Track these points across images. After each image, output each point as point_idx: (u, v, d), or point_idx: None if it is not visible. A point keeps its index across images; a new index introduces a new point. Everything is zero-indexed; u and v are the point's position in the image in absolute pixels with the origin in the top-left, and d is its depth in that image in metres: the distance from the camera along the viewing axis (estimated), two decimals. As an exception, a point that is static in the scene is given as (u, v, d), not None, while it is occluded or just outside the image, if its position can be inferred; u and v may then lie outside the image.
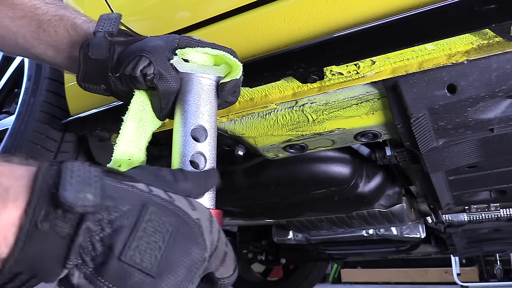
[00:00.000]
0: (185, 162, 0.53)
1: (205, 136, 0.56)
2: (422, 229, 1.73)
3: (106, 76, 0.61)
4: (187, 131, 0.55)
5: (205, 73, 0.58)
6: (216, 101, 0.59)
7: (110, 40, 0.62)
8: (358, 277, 5.00)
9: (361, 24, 0.67)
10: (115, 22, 0.65)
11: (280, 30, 0.73)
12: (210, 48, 0.58)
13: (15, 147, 0.98)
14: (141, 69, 0.56)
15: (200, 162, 0.54)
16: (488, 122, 0.82)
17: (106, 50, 0.61)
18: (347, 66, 0.77)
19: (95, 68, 0.62)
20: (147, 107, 0.60)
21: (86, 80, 0.64)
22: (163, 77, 0.55)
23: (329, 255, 2.22)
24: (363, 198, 1.25)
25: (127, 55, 0.59)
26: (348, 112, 0.87)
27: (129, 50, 0.60)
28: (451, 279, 4.17)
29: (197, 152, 0.54)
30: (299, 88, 0.84)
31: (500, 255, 4.19)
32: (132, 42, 0.61)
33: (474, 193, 1.31)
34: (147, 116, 0.59)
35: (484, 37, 0.68)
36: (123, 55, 0.60)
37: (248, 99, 0.90)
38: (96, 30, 0.63)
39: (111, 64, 0.61)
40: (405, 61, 0.74)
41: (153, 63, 0.56)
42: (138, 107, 0.59)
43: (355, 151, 1.15)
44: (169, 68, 0.56)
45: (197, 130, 0.56)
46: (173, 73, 0.56)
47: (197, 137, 0.56)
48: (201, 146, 0.55)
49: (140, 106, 0.59)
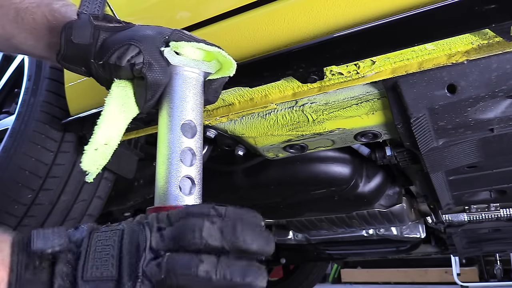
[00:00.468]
0: (173, 159, 0.53)
1: (193, 132, 0.55)
2: (422, 229, 1.73)
3: (87, 62, 0.59)
4: (176, 125, 0.54)
5: (196, 68, 0.57)
6: (202, 98, 0.58)
7: (95, 25, 0.58)
8: (358, 277, 5.00)
9: (361, 24, 0.67)
10: (100, 4, 0.61)
11: (280, 30, 0.73)
12: (204, 44, 0.57)
13: (15, 147, 0.98)
14: (129, 58, 0.54)
15: (187, 158, 0.53)
16: (488, 122, 0.82)
17: (90, 35, 0.58)
18: (347, 66, 0.77)
19: (77, 52, 0.59)
20: (130, 94, 0.57)
21: (66, 60, 0.61)
22: (152, 67, 0.54)
23: (329, 255, 2.22)
24: (363, 198, 1.25)
25: (112, 43, 0.56)
26: (348, 112, 0.87)
27: (115, 38, 0.57)
28: (451, 279, 4.17)
29: (186, 147, 0.54)
30: (299, 88, 0.84)
31: (500, 255, 4.18)
32: (120, 30, 0.59)
33: (474, 193, 1.31)
34: (130, 102, 0.57)
35: (484, 37, 0.68)
36: (108, 42, 0.57)
37: (248, 99, 0.90)
38: (80, 11, 0.60)
39: (94, 50, 0.58)
40: (405, 61, 0.74)
41: (143, 52, 0.54)
42: (121, 92, 0.57)
43: (355, 151, 1.15)
44: (159, 59, 0.54)
45: (186, 125, 0.55)
46: (163, 64, 0.55)
47: (186, 132, 0.54)
48: (190, 142, 0.54)
49: (123, 92, 0.57)
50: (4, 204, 0.95)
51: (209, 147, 1.12)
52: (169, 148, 0.53)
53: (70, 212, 1.05)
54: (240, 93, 0.89)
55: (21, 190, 0.96)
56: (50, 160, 0.98)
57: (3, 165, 0.97)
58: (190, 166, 0.53)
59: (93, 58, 0.58)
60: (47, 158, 0.98)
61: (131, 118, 0.58)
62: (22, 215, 0.98)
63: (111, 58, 0.55)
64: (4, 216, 0.97)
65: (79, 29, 0.58)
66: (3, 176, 0.96)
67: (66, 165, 1.00)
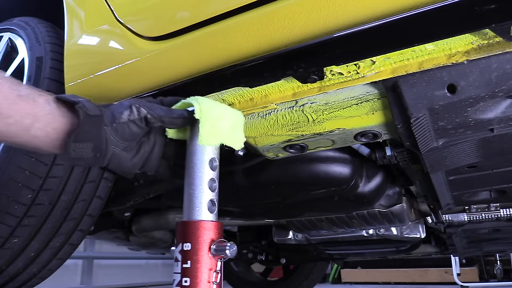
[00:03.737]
0: (203, 187, 0.72)
1: (216, 166, 0.75)
2: (422, 229, 1.73)
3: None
4: (205, 161, 0.73)
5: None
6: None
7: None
8: (358, 277, 5.00)
9: (361, 24, 0.67)
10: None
11: (280, 30, 0.73)
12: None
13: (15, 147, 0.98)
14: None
15: (212, 186, 0.73)
16: (488, 122, 0.82)
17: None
18: (347, 66, 0.77)
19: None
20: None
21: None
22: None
23: (329, 255, 2.22)
24: (363, 198, 1.25)
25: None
26: (348, 112, 0.87)
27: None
28: (451, 279, 4.17)
29: (211, 178, 0.73)
30: (299, 88, 0.84)
31: (500, 255, 4.19)
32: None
33: (474, 193, 1.31)
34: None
35: (484, 37, 0.68)
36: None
37: (248, 99, 0.90)
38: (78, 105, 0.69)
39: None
40: (405, 61, 0.74)
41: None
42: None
43: (355, 151, 1.15)
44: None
45: (212, 161, 0.74)
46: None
47: (212, 167, 0.74)
48: (214, 174, 0.73)
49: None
50: (4, 204, 0.95)
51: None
52: (200, 178, 0.71)
53: (70, 212, 1.05)
54: (240, 93, 0.89)
55: (21, 190, 0.96)
56: (50, 160, 0.98)
57: (3, 165, 0.97)
58: (213, 191, 0.71)
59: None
60: (47, 158, 0.98)
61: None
62: (22, 215, 0.98)
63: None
64: (4, 216, 0.97)
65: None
66: (3, 176, 0.96)
67: (66, 165, 1.00)
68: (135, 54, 0.91)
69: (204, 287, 0.65)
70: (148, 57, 0.89)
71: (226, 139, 0.74)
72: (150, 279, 4.53)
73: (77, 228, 1.09)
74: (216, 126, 0.73)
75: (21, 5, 1.53)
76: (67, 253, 1.13)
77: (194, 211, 0.69)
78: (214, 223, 0.69)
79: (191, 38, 0.84)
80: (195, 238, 0.67)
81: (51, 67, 1.10)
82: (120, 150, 0.71)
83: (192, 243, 0.66)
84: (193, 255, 0.66)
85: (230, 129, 0.76)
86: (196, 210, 0.69)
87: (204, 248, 0.66)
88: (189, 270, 0.65)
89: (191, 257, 0.66)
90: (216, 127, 0.73)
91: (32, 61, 1.12)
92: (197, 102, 0.72)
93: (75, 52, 1.06)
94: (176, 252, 0.68)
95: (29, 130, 0.67)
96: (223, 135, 0.74)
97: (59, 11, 1.15)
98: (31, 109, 0.66)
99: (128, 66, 0.92)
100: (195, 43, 0.83)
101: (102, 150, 0.69)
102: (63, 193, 1.02)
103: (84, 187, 1.05)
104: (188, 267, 0.65)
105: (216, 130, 0.73)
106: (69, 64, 1.05)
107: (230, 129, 0.76)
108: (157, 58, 0.88)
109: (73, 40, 1.07)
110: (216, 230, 0.69)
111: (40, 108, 0.67)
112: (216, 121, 0.73)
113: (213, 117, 0.73)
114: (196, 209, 0.69)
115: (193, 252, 0.66)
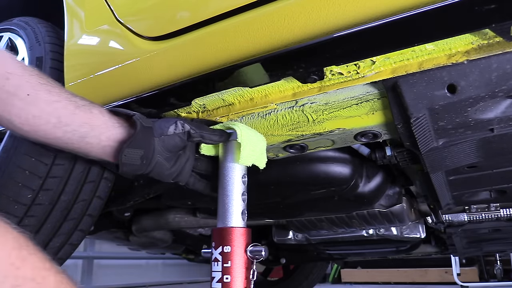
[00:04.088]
0: (238, 199, 0.86)
1: (246, 181, 0.90)
2: (422, 229, 1.73)
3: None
4: (239, 179, 0.88)
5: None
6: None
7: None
8: (358, 277, 5.00)
9: (361, 24, 0.66)
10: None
11: (280, 30, 0.73)
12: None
13: (15, 147, 0.98)
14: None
15: (244, 198, 0.87)
16: (488, 122, 0.82)
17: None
18: (347, 66, 0.77)
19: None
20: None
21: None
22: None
23: (329, 255, 2.21)
24: (363, 198, 1.25)
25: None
26: (348, 112, 0.87)
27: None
28: (451, 279, 4.17)
29: (243, 191, 0.87)
30: (299, 88, 0.84)
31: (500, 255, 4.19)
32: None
33: (474, 193, 1.31)
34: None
35: (484, 37, 0.68)
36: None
37: (248, 99, 0.90)
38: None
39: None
40: (405, 61, 0.74)
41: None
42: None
43: (355, 151, 1.15)
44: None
45: (243, 177, 0.89)
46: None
47: (243, 182, 0.89)
48: (244, 187, 0.88)
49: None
50: (4, 204, 0.95)
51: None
52: (235, 191, 0.85)
53: (70, 212, 1.05)
54: (240, 93, 0.89)
55: (21, 190, 0.96)
56: (50, 160, 0.98)
57: (3, 165, 0.97)
58: (244, 202, 0.86)
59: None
60: (47, 158, 0.97)
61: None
62: (22, 215, 0.98)
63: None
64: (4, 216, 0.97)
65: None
66: (3, 176, 0.96)
67: (66, 165, 1.00)
68: (135, 54, 0.91)
69: (242, 282, 0.79)
70: (148, 57, 0.89)
71: (257, 160, 0.88)
72: (150, 279, 4.53)
73: (77, 228, 1.09)
74: (252, 149, 0.86)
75: (21, 5, 1.53)
76: (67, 253, 1.13)
77: (231, 219, 0.83)
78: (247, 229, 0.83)
79: (191, 38, 0.84)
80: (235, 241, 0.80)
81: (51, 67, 1.10)
82: (162, 159, 0.81)
83: (232, 246, 0.80)
84: (233, 256, 0.79)
85: (259, 151, 0.89)
86: (233, 218, 0.83)
87: (242, 250, 0.80)
88: (229, 269, 0.79)
89: (231, 258, 0.79)
90: (252, 150, 0.86)
91: (32, 61, 1.12)
92: (238, 128, 0.84)
93: (75, 52, 1.06)
94: (216, 254, 0.81)
95: (85, 138, 0.75)
96: (256, 157, 0.87)
97: (59, 11, 1.15)
98: (88, 119, 0.75)
99: (128, 66, 0.92)
100: (195, 43, 0.83)
101: (149, 158, 0.79)
102: (63, 193, 1.01)
103: (84, 187, 1.05)
104: (229, 266, 0.79)
105: (252, 152, 0.86)
106: (69, 64, 1.05)
107: (259, 152, 0.89)
108: (157, 58, 0.88)
109: (73, 40, 1.07)
110: (248, 235, 0.83)
111: (96, 118, 0.77)
112: (253, 145, 0.86)
113: (251, 142, 0.86)
114: (233, 217, 0.83)
115: (233, 253, 0.79)
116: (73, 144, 0.76)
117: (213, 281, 0.80)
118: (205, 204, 1.48)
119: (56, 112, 0.73)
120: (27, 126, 0.73)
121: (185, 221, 1.69)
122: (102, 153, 0.79)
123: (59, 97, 0.74)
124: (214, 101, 0.92)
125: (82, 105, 0.76)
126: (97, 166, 1.04)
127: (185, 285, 4.87)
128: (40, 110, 0.72)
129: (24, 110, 0.71)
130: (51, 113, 0.73)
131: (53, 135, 0.74)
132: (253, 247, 0.81)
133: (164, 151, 0.81)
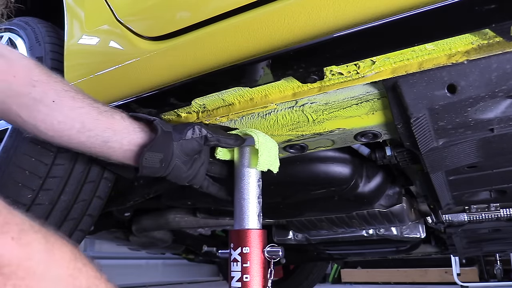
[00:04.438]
0: (255, 203, 0.90)
1: (260, 185, 0.93)
2: (422, 229, 1.73)
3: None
4: (256, 183, 0.92)
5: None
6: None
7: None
8: (358, 277, 5.00)
9: (361, 24, 0.66)
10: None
11: (280, 30, 0.73)
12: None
13: (15, 147, 0.98)
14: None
15: (260, 202, 0.91)
16: (488, 122, 0.82)
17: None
18: (347, 66, 0.77)
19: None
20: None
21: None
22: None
23: (329, 255, 2.21)
24: (363, 198, 1.25)
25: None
26: (348, 112, 0.87)
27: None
28: (451, 279, 4.17)
29: (259, 195, 0.91)
30: (299, 88, 0.84)
31: (500, 255, 4.19)
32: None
33: (474, 193, 1.31)
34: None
35: (484, 37, 0.68)
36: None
37: (248, 99, 0.90)
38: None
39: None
40: (405, 61, 0.74)
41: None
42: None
43: (355, 151, 1.14)
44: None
45: (259, 181, 0.93)
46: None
47: (259, 187, 0.93)
48: (259, 191, 0.92)
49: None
50: (4, 204, 0.95)
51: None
52: (252, 195, 0.89)
53: (70, 212, 1.05)
54: (240, 93, 0.89)
55: (21, 190, 0.96)
56: (50, 160, 0.98)
57: (3, 165, 0.97)
58: (260, 205, 0.89)
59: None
60: (47, 158, 0.97)
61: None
62: (22, 215, 0.98)
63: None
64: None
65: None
66: (3, 176, 0.96)
67: (66, 165, 1.00)
68: (135, 54, 0.91)
69: (260, 281, 0.82)
70: (148, 57, 0.89)
71: (271, 165, 0.90)
72: (150, 279, 4.52)
73: (77, 228, 1.09)
74: (269, 155, 0.89)
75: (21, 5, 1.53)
76: (67, 253, 1.13)
77: (248, 221, 0.87)
78: (263, 231, 0.87)
79: (191, 38, 0.84)
80: (253, 243, 0.84)
81: (51, 67, 1.10)
82: (180, 163, 0.84)
83: (250, 247, 0.84)
84: (251, 256, 0.83)
85: (274, 156, 0.91)
86: (251, 220, 0.87)
87: (259, 251, 0.84)
88: (249, 268, 0.83)
89: (250, 258, 0.83)
90: (269, 155, 0.89)
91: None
92: (255, 134, 0.87)
93: (75, 52, 1.06)
94: (235, 254, 0.84)
95: (107, 142, 0.78)
96: (271, 162, 0.90)
97: (59, 11, 1.15)
98: (110, 124, 0.78)
99: (128, 66, 0.92)
100: (195, 43, 0.83)
101: (168, 161, 0.82)
102: (63, 193, 1.01)
103: (84, 187, 1.05)
104: (248, 266, 0.83)
105: (269, 158, 0.89)
106: (69, 64, 1.05)
107: (274, 157, 0.91)
108: (157, 58, 0.88)
109: (73, 40, 1.07)
110: (265, 236, 0.87)
111: (118, 123, 0.79)
112: (269, 151, 0.89)
113: (267, 148, 0.89)
114: (250, 220, 0.87)
115: (252, 254, 0.84)
116: (96, 148, 0.79)
117: (232, 280, 0.83)
118: (205, 204, 1.48)
119: (80, 118, 0.76)
120: (52, 132, 0.76)
121: (185, 221, 1.69)
122: (123, 157, 0.82)
123: (83, 103, 0.77)
124: (214, 101, 0.92)
125: (104, 111, 0.79)
126: (97, 166, 1.04)
127: (185, 285, 4.86)
128: (65, 116, 0.75)
129: (49, 116, 0.74)
130: (75, 119, 0.75)
131: (77, 140, 0.77)
132: (270, 247, 0.85)
133: (182, 154, 0.84)
